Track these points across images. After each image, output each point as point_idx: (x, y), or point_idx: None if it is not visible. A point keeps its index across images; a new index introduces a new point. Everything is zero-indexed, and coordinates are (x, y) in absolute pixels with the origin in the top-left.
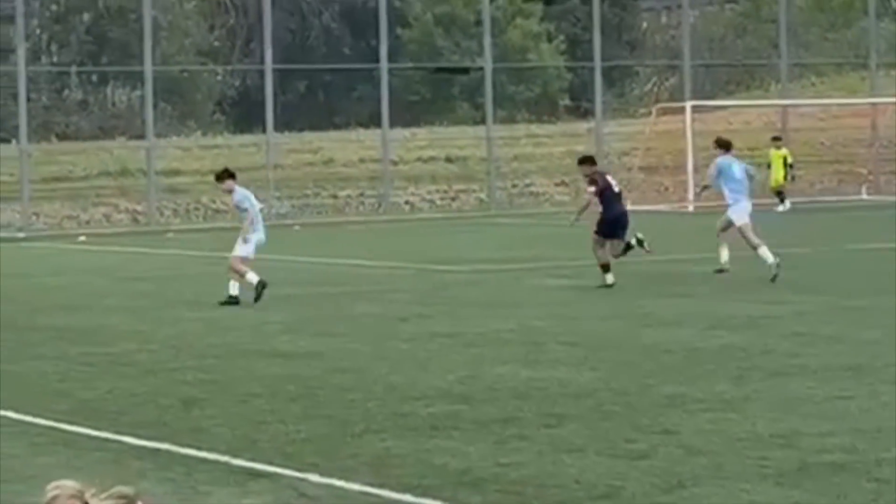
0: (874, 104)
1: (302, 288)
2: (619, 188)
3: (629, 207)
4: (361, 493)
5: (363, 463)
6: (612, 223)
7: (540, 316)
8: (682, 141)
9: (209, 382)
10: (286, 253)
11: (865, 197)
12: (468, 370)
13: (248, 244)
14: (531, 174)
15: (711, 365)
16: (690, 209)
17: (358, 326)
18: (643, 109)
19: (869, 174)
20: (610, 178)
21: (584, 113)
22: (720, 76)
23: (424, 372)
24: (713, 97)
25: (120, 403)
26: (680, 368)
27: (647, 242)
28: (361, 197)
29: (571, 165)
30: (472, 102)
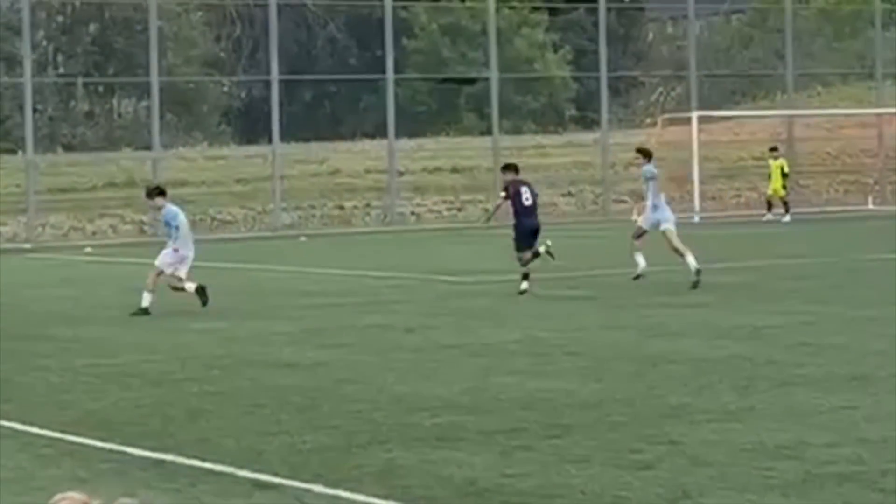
0: (880, 114)
1: (307, 299)
2: (531, 202)
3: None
4: None
5: (368, 474)
6: (525, 236)
7: (545, 327)
8: (688, 151)
9: (214, 393)
10: (292, 264)
11: (872, 207)
12: (474, 381)
13: (175, 258)
14: (537, 185)
15: (717, 375)
16: (696, 220)
17: (364, 337)
18: (649, 120)
19: (875, 184)
20: (525, 189)
21: (590, 123)
22: (726, 86)
23: (430, 383)
24: (719, 107)
25: (125, 414)
26: (685, 379)
27: (552, 251)
28: (367, 208)
29: (577, 176)
30: (478, 113)
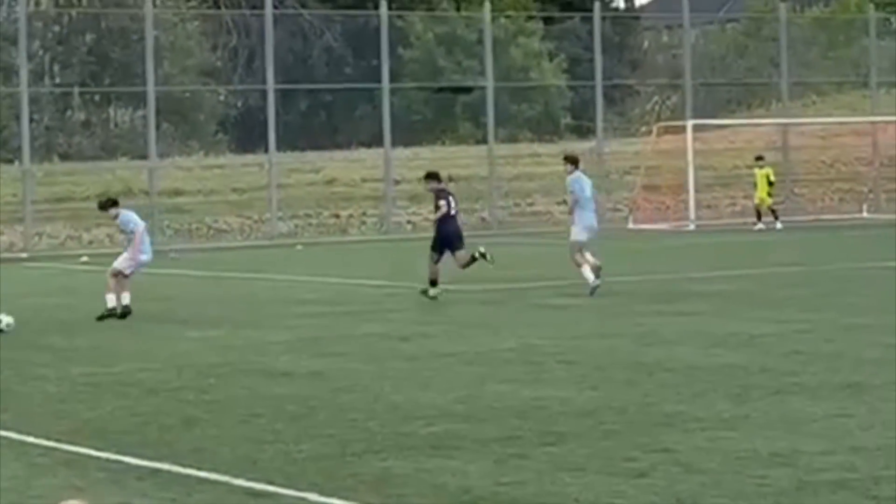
0: (875, 122)
1: (303, 307)
2: (455, 211)
3: (631, 226)
4: None
5: (364, 482)
6: (445, 241)
7: (540, 335)
8: (683, 160)
9: (210, 402)
10: (288, 272)
11: (866, 215)
12: (469, 389)
13: (133, 262)
14: (533, 193)
15: (711, 383)
16: (691, 227)
17: (359, 346)
18: (644, 128)
19: (870, 192)
20: (451, 198)
21: (585, 132)
22: (721, 95)
23: (425, 391)
24: (714, 116)
25: (122, 423)
26: (679, 387)
27: (489, 255)
28: (363, 216)
29: None
30: (473, 121)
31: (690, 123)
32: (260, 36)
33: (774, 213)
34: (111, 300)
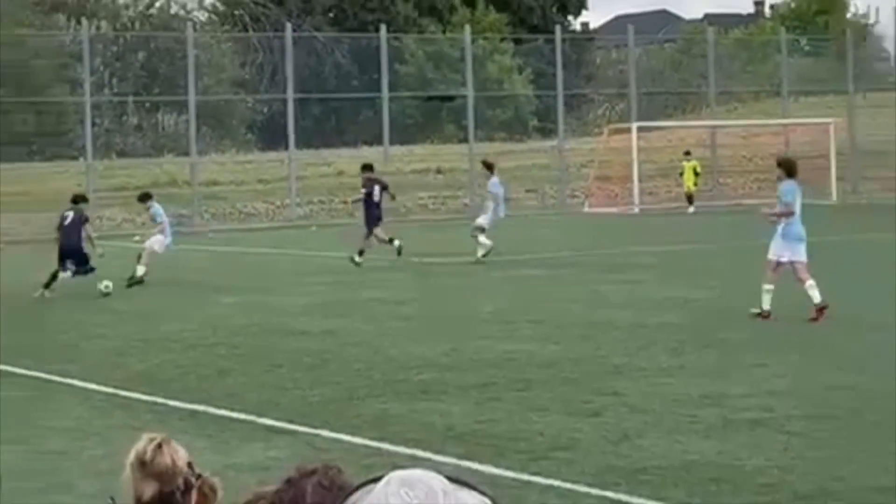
0: (786, 125)
1: (316, 277)
2: (378, 198)
3: (586, 210)
4: (364, 446)
5: (366, 421)
6: (371, 222)
7: (512, 299)
8: (629, 155)
9: (239, 355)
10: (305, 249)
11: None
12: (453, 344)
13: (160, 244)
14: (505, 184)
15: (652, 339)
16: (636, 211)
17: (362, 309)
18: (597, 129)
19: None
20: (376, 186)
21: (548, 132)
22: (660, 102)
23: (417, 346)
24: (655, 119)
25: (166, 373)
26: (626, 342)
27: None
28: None
29: (538, 176)
30: (456, 124)
31: (635, 125)
32: (281, 54)
33: (690, 198)
34: (141, 270)
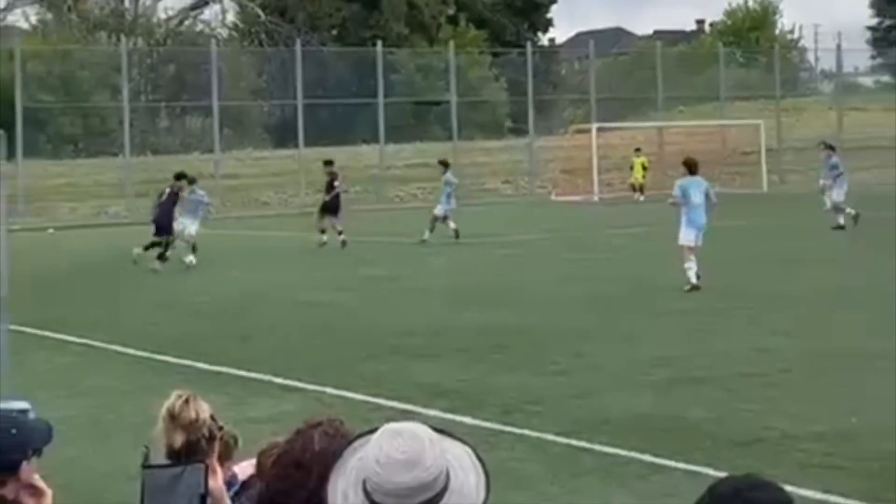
0: (723, 126)
1: (322, 256)
2: (343, 188)
3: (553, 198)
4: (363, 401)
5: (364, 380)
6: (331, 209)
7: (491, 274)
8: (590, 152)
9: (255, 324)
10: (311, 232)
11: (717, 190)
12: (440, 314)
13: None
14: (484, 176)
15: (611, 308)
16: (596, 199)
17: (361, 283)
18: (563, 130)
19: (720, 174)
20: (338, 180)
21: (521, 132)
22: (616, 106)
23: (409, 316)
24: (612, 121)
25: (193, 339)
26: (589, 311)
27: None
28: (365, 192)
29: (512, 168)
30: (442, 126)
31: (595, 126)
32: (292, 65)
33: (641, 188)
34: (190, 258)
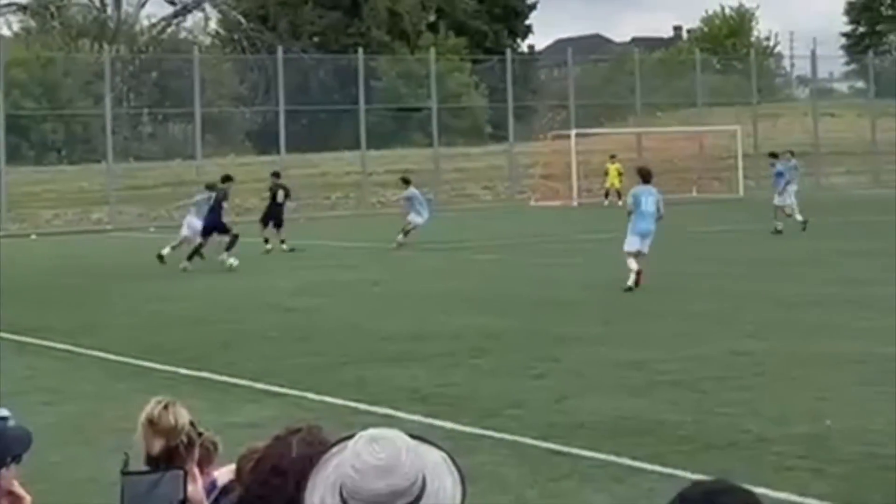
0: (700, 131)
1: (303, 262)
2: (282, 200)
3: (532, 203)
4: (344, 406)
5: (345, 385)
6: (272, 217)
7: (470, 281)
8: (569, 157)
9: (238, 329)
10: (293, 238)
11: (695, 194)
12: (419, 319)
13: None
14: (465, 181)
15: (587, 313)
16: (575, 204)
17: (342, 288)
18: (542, 135)
19: (697, 178)
20: (281, 191)
21: (501, 138)
22: (595, 112)
23: (389, 320)
24: (590, 127)
25: (176, 345)
26: (565, 315)
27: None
28: (346, 198)
29: (492, 174)
30: (423, 131)
31: (574, 132)
32: (274, 72)
33: (619, 193)
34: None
